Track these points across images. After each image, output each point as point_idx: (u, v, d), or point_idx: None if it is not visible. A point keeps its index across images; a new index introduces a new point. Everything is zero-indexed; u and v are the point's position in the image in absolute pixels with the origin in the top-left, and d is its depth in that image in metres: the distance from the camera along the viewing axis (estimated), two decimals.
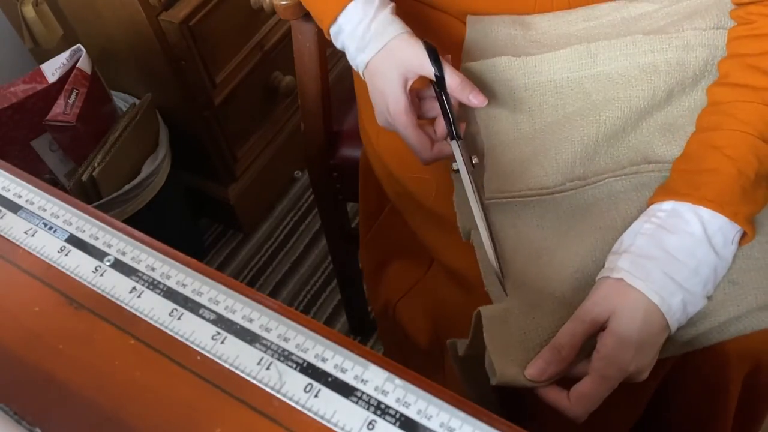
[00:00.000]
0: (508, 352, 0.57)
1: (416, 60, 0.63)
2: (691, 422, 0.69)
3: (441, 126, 0.65)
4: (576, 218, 0.62)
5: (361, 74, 0.68)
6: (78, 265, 0.47)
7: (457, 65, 0.67)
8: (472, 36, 0.72)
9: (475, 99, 0.63)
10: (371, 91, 0.67)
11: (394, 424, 0.38)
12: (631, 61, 0.65)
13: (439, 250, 0.72)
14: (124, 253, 0.48)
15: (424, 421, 0.38)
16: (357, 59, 0.67)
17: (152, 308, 0.45)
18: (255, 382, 0.41)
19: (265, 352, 0.42)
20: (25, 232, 0.50)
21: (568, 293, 0.58)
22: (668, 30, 0.64)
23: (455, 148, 0.63)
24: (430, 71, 0.63)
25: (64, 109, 1.10)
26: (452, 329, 0.73)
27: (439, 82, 0.63)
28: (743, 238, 0.57)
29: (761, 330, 0.57)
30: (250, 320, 0.43)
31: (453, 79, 0.63)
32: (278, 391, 0.40)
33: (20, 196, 0.52)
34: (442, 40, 0.68)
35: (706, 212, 0.56)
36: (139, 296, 0.45)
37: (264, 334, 0.43)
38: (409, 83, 0.65)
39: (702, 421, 0.67)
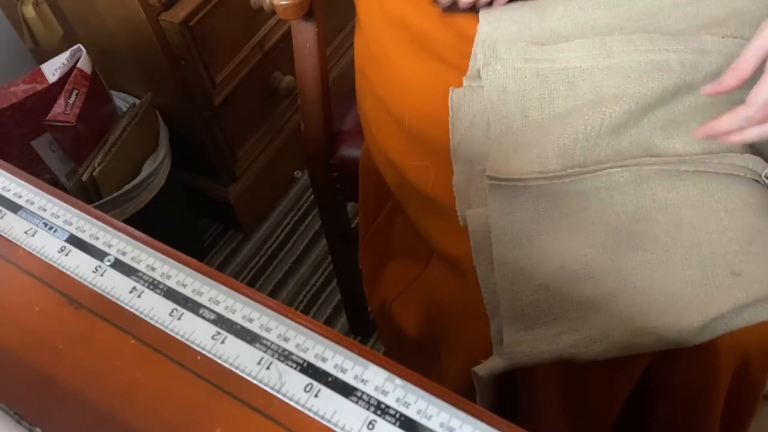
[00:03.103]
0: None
1: None
2: (678, 419, 0.69)
3: None
4: (572, 207, 0.62)
5: None
6: (78, 265, 0.47)
7: (466, 64, 0.67)
8: (485, 27, 0.72)
9: None
10: None
11: (394, 424, 0.38)
12: (645, 57, 0.64)
13: (437, 237, 0.73)
14: (124, 253, 0.48)
15: (424, 421, 0.38)
16: None
17: (152, 308, 0.45)
18: (255, 382, 0.41)
19: (265, 352, 0.42)
20: (25, 232, 0.50)
21: (551, 284, 0.59)
22: (684, 34, 0.65)
23: None
24: None
25: (64, 109, 1.10)
26: (445, 317, 0.74)
27: None
28: None
29: (751, 325, 0.57)
30: (250, 320, 0.43)
31: None
32: (278, 391, 0.40)
33: (20, 196, 0.52)
34: (458, 30, 0.68)
35: None
36: (139, 296, 0.45)
37: (264, 334, 0.43)
38: None
39: (689, 418, 0.67)
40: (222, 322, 0.44)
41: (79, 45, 1.14)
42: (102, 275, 0.47)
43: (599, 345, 0.59)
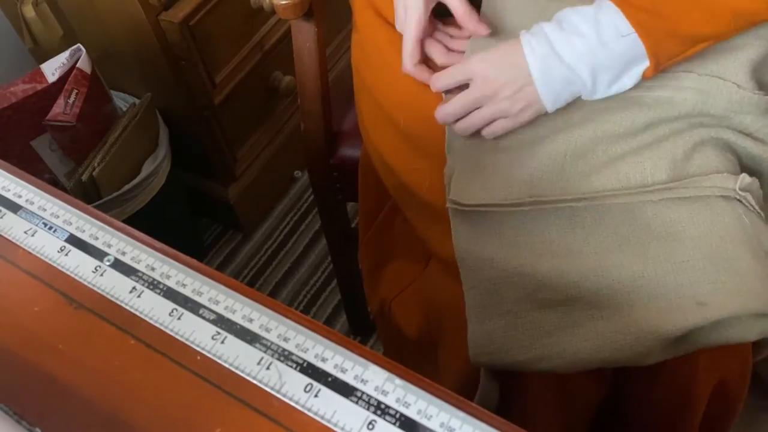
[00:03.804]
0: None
1: None
2: (658, 429, 0.69)
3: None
4: (536, 236, 0.62)
5: None
6: (78, 265, 0.47)
7: None
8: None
9: (479, 28, 0.67)
10: None
11: (394, 424, 0.38)
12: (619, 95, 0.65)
13: (432, 239, 0.73)
14: (124, 253, 0.48)
15: (424, 421, 0.38)
16: None
17: (152, 308, 0.45)
18: (255, 382, 0.41)
19: (265, 352, 0.42)
20: (25, 232, 0.50)
21: (519, 311, 0.60)
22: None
23: None
24: None
25: (64, 109, 1.10)
26: (443, 317, 0.74)
27: None
28: (647, 69, 0.60)
29: (729, 344, 0.58)
30: (250, 320, 0.43)
31: (461, 5, 0.66)
32: (278, 391, 0.40)
33: (20, 196, 0.52)
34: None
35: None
36: (139, 296, 0.45)
37: (264, 334, 0.43)
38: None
39: (669, 429, 0.68)
40: (222, 322, 0.44)
41: (78, 45, 1.14)
42: (102, 275, 0.47)
43: (561, 363, 0.60)
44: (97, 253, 0.48)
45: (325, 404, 0.39)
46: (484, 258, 0.62)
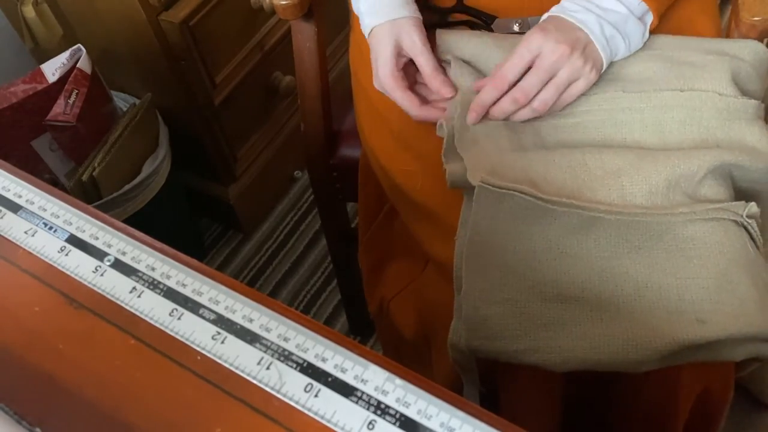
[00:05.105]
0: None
1: (411, 44, 0.71)
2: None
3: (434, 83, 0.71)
4: (550, 235, 0.62)
5: (366, 35, 0.74)
6: (78, 265, 0.47)
7: None
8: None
9: (444, 90, 0.70)
10: (371, 54, 0.73)
11: (394, 424, 0.38)
12: (608, 116, 0.66)
13: (427, 241, 0.73)
14: (124, 253, 0.48)
15: (424, 421, 0.38)
16: (365, 21, 0.73)
17: (152, 308, 0.45)
18: (255, 382, 0.41)
19: (265, 352, 0.42)
20: (25, 232, 0.50)
21: (519, 299, 0.60)
22: (646, 87, 0.66)
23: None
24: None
25: (64, 109, 1.10)
26: (436, 318, 0.74)
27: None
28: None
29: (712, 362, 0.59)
30: (250, 320, 0.43)
31: (428, 65, 0.70)
32: (278, 391, 0.40)
33: (20, 196, 0.52)
34: None
35: None
36: (139, 296, 0.45)
37: (264, 334, 0.43)
38: (402, 54, 0.71)
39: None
40: (222, 322, 0.44)
41: (79, 45, 1.14)
42: (102, 275, 0.47)
43: (554, 358, 0.60)
44: (97, 253, 0.48)
45: (325, 404, 0.39)
46: (496, 242, 0.62)
